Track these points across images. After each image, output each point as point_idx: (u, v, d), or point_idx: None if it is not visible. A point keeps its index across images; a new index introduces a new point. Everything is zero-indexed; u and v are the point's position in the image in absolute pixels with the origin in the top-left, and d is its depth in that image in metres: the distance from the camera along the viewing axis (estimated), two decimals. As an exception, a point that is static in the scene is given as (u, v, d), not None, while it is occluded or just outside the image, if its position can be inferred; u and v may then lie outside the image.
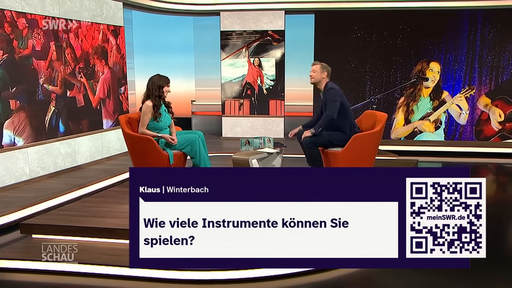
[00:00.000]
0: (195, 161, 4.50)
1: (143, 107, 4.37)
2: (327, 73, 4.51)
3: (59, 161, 5.50)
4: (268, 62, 7.84)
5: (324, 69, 4.51)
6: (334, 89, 4.43)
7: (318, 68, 4.51)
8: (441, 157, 7.15)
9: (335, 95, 4.37)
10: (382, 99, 7.67)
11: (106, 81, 6.33)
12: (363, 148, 4.38)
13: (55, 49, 5.36)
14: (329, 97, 4.38)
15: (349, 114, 4.47)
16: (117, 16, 6.46)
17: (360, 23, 7.50)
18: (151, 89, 4.36)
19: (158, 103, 4.36)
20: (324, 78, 4.51)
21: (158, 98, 4.36)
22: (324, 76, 4.51)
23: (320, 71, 4.50)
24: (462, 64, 7.39)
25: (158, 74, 4.43)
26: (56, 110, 5.44)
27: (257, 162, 4.75)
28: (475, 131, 7.51)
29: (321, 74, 4.50)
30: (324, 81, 4.52)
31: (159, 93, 4.36)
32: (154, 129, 4.42)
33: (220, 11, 7.75)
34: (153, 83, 4.36)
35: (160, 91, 4.37)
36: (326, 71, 4.51)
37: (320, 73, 4.50)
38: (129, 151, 4.52)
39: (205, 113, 9.22)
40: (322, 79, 4.52)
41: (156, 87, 4.34)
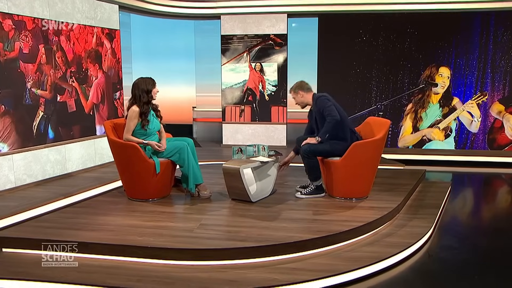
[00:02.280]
0: (183, 170, 4.22)
1: (129, 112, 4.12)
2: (300, 90, 4.27)
3: (47, 168, 5.28)
4: (270, 67, 7.57)
5: (297, 89, 4.29)
6: (322, 96, 4.19)
7: (292, 94, 4.34)
8: (452, 166, 6.79)
9: (326, 101, 4.11)
10: (389, 106, 7.33)
11: (100, 86, 6.12)
12: (364, 156, 4.06)
13: (44, 52, 5.16)
14: (321, 105, 4.11)
15: (346, 120, 4.16)
16: (112, 19, 6.26)
17: (365, 26, 7.21)
18: (138, 95, 4.10)
19: (146, 110, 4.11)
20: (305, 96, 4.28)
21: (146, 105, 4.10)
22: (302, 95, 4.28)
23: (295, 94, 4.30)
24: (473, 69, 7.03)
25: (141, 78, 4.17)
26: (45, 115, 5.23)
27: (252, 171, 4.47)
28: (487, 139, 7.12)
29: (298, 96, 4.29)
30: (309, 97, 4.28)
31: (148, 98, 4.11)
32: (141, 135, 4.17)
33: (221, 14, 7.53)
34: (139, 89, 4.09)
35: (149, 96, 4.11)
36: (300, 90, 4.27)
37: (299, 96, 4.29)
38: (114, 159, 4.27)
39: (207, 119, 8.99)
40: (303, 98, 4.29)
41: (143, 92, 4.08)
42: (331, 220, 3.61)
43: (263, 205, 4.05)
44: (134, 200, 4.25)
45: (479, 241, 3.81)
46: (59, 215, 3.85)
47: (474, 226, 4.33)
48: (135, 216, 3.77)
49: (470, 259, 3.41)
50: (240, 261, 3.04)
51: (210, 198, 4.27)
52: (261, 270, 2.94)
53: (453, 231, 4.04)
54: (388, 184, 4.80)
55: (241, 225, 3.51)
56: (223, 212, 3.92)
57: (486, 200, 5.46)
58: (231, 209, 3.98)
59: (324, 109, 4.05)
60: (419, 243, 3.51)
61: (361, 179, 4.15)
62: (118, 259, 3.12)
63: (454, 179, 6.23)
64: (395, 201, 4.10)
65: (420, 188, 5.05)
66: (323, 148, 4.12)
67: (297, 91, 4.28)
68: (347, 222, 3.54)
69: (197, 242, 3.16)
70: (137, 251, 3.09)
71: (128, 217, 3.77)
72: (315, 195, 4.24)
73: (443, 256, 3.43)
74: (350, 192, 4.17)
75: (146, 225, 3.54)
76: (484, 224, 4.45)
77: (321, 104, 4.09)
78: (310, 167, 4.15)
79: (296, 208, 3.97)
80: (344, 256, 3.17)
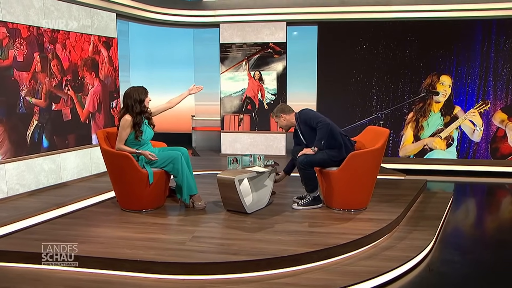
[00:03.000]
0: (177, 180, 4.13)
1: (121, 121, 4.03)
2: (282, 113, 4.21)
3: (41, 177, 5.19)
4: (269, 76, 7.50)
5: (279, 113, 4.23)
6: (303, 109, 4.15)
7: (276, 119, 4.27)
8: (453, 176, 6.66)
9: (308, 111, 4.09)
10: (389, 115, 7.23)
11: (96, 94, 6.06)
12: (362, 167, 3.95)
13: (39, 60, 5.10)
14: (305, 117, 4.06)
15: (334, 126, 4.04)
16: (109, 27, 6.22)
17: (365, 34, 7.14)
18: (130, 105, 4.01)
19: (140, 121, 4.03)
20: (288, 118, 4.21)
21: (139, 115, 4.02)
22: (285, 118, 4.21)
23: (277, 119, 4.25)
24: (475, 77, 6.93)
25: (133, 87, 4.09)
26: (39, 124, 5.15)
27: (248, 182, 4.37)
28: (490, 148, 7.00)
29: (281, 120, 4.23)
30: (291, 118, 4.21)
31: (141, 108, 4.03)
32: (134, 145, 4.08)
33: (220, 22, 7.48)
34: (132, 99, 4.01)
35: (141, 106, 4.03)
36: (280, 113, 4.21)
37: (282, 120, 4.23)
38: (107, 169, 4.18)
39: (206, 128, 8.92)
40: (287, 120, 4.22)
41: (135, 102, 4.00)
42: (328, 232, 3.50)
43: (259, 216, 3.94)
44: (127, 211, 4.15)
45: (482, 254, 3.68)
46: (50, 226, 3.75)
47: (476, 238, 4.20)
48: (126, 228, 3.67)
49: (472, 273, 3.29)
50: (232, 275, 2.93)
51: (205, 209, 4.17)
52: (254, 285, 2.83)
53: (454, 244, 3.92)
54: (388, 194, 4.69)
55: (234, 238, 3.41)
56: (217, 224, 3.82)
57: (489, 211, 5.33)
58: (225, 221, 3.87)
59: (310, 119, 3.99)
60: (419, 256, 3.39)
61: (360, 190, 4.04)
62: (106, 273, 3.02)
63: (456, 189, 6.10)
64: (395, 213, 3.99)
65: (421, 199, 4.93)
66: (320, 157, 4.01)
67: (279, 114, 4.21)
68: (344, 234, 3.42)
69: (188, 256, 3.05)
70: (126, 265, 2.99)
71: (119, 228, 3.67)
72: (312, 206, 4.13)
73: (444, 270, 3.30)
74: (348, 203, 4.06)
75: (137, 237, 3.44)
76: (487, 236, 4.32)
77: (305, 116, 4.04)
78: (307, 178, 4.04)
79: (293, 220, 3.86)
80: (341, 271, 3.06)
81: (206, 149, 8.69)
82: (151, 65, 9.28)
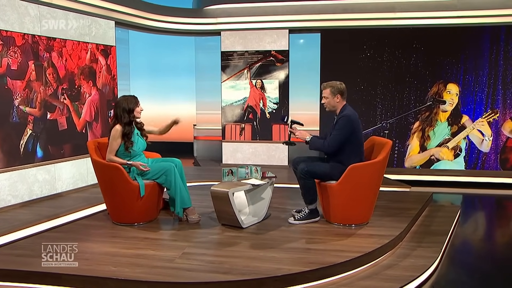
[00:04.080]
0: (170, 193, 3.97)
1: (112, 131, 3.89)
2: (340, 95, 3.84)
3: (35, 188, 5.07)
4: (271, 84, 7.35)
5: (336, 91, 3.83)
6: (346, 116, 3.78)
7: (328, 93, 3.86)
8: (461, 188, 6.42)
9: (345, 125, 3.74)
10: (394, 124, 7.03)
11: (94, 103, 5.95)
12: (363, 180, 3.76)
13: (34, 68, 5.01)
14: (338, 126, 3.78)
15: (361, 150, 3.84)
16: (108, 35, 6.13)
17: (369, 41, 6.98)
18: (119, 115, 3.88)
19: (129, 131, 3.88)
20: (338, 102, 3.86)
21: (128, 125, 3.88)
22: (338, 100, 3.84)
23: (332, 95, 3.85)
24: (483, 86, 6.72)
25: (123, 96, 3.97)
26: (33, 133, 5.04)
27: (245, 194, 4.20)
28: (500, 159, 6.76)
29: (333, 99, 3.85)
30: (340, 105, 3.87)
31: (130, 118, 3.89)
32: (126, 156, 3.93)
33: (221, 30, 7.37)
34: (120, 108, 3.88)
35: (130, 116, 3.89)
36: (339, 93, 3.83)
37: (333, 98, 3.85)
38: (98, 180, 4.04)
39: (207, 138, 8.78)
40: (336, 103, 3.86)
41: (124, 112, 3.86)
42: (326, 249, 3.30)
43: (254, 231, 3.76)
44: (118, 224, 4.00)
45: (492, 273, 3.45)
46: (36, 240, 3.59)
47: (485, 256, 3.95)
48: (114, 243, 3.51)
49: (481, 295, 3.07)
50: (221, 296, 2.75)
51: (199, 223, 4.00)
52: (244, 308, 2.65)
53: (462, 262, 3.69)
54: (391, 208, 4.48)
55: (226, 255, 3.23)
56: (210, 239, 3.64)
57: (499, 225, 5.08)
58: (219, 236, 3.69)
59: (333, 132, 3.79)
60: (423, 276, 3.17)
61: (360, 204, 3.84)
62: (89, 291, 2.86)
63: (464, 202, 5.87)
64: (398, 228, 3.78)
65: (426, 213, 4.71)
66: (323, 170, 3.82)
67: (336, 94, 3.84)
68: (343, 252, 3.22)
69: (175, 274, 2.87)
70: (109, 283, 2.82)
71: (107, 243, 3.51)
72: (309, 220, 3.93)
73: (450, 291, 3.09)
74: (349, 218, 3.86)
75: (125, 253, 3.27)
76: (498, 253, 4.06)
77: (338, 125, 3.78)
78: (306, 188, 3.85)
79: (289, 235, 3.67)
80: (338, 292, 2.86)
81: (207, 159, 8.54)
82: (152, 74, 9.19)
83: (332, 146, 3.76)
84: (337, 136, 3.75)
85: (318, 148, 3.85)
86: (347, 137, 3.75)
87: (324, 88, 3.91)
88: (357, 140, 3.81)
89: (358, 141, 3.82)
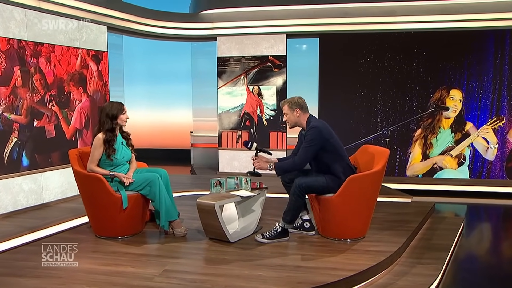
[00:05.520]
0: (154, 205, 3.76)
1: (94, 140, 3.71)
2: (299, 109, 3.65)
3: (20, 198, 4.88)
4: (268, 90, 7.16)
5: (294, 105, 3.65)
6: (313, 128, 3.55)
7: (286, 109, 3.68)
8: (466, 198, 6.17)
9: (315, 137, 3.52)
10: (396, 131, 6.80)
11: (84, 110, 5.77)
12: (361, 191, 3.53)
13: (20, 74, 4.84)
14: (306, 139, 3.56)
15: (343, 154, 3.62)
16: (99, 41, 5.97)
17: (370, 46, 6.78)
18: (102, 121, 3.71)
19: (110, 138, 3.68)
20: (299, 116, 3.66)
21: (110, 132, 3.69)
22: (297, 114, 3.65)
23: (290, 111, 3.66)
24: (488, 91, 6.48)
25: (110, 102, 3.80)
26: (19, 141, 4.87)
27: (235, 206, 3.99)
28: (506, 168, 6.49)
29: (293, 114, 3.65)
30: (302, 119, 3.67)
31: (112, 125, 3.70)
32: (108, 165, 3.74)
33: (217, 35, 7.20)
34: (103, 114, 3.70)
35: (113, 123, 3.71)
36: (297, 107, 3.64)
37: (292, 113, 3.65)
38: (80, 191, 3.85)
39: (205, 145, 8.58)
40: (297, 118, 3.67)
41: (106, 118, 3.69)
42: (317, 267, 3.07)
43: (242, 246, 3.54)
44: (101, 237, 3.80)
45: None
46: (9, 256, 3.41)
47: (491, 273, 3.69)
48: (93, 258, 3.30)
49: (485, 319, 2.82)
50: (200, 320, 2.53)
51: (186, 237, 3.78)
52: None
53: (465, 280, 3.45)
54: (390, 221, 4.25)
55: (210, 273, 3.01)
56: (194, 254, 3.43)
57: (506, 238, 4.82)
58: (204, 251, 3.48)
59: (302, 146, 3.57)
60: (422, 297, 2.94)
61: (357, 217, 3.61)
62: (60, 314, 2.65)
63: (468, 213, 5.61)
64: (396, 243, 3.54)
65: (428, 225, 4.46)
66: (320, 184, 3.58)
67: (294, 108, 3.64)
68: (335, 270, 3.00)
69: (152, 295, 2.66)
70: (81, 306, 2.61)
71: (85, 259, 3.30)
72: (278, 240, 3.63)
73: (452, 314, 2.85)
74: (344, 232, 3.63)
75: (102, 270, 3.06)
76: (504, 270, 3.79)
77: (306, 137, 3.56)
78: (295, 206, 3.58)
79: (280, 250, 3.44)
80: (328, 315, 2.63)
81: (205, 167, 8.34)
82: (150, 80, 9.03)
83: (303, 160, 3.55)
84: (308, 149, 3.53)
85: (287, 169, 3.61)
86: (320, 148, 3.54)
87: (282, 105, 3.77)
88: (333, 147, 3.58)
89: (334, 147, 3.59)
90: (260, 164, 3.60)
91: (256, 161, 3.63)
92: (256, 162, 3.62)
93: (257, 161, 3.62)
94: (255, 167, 3.62)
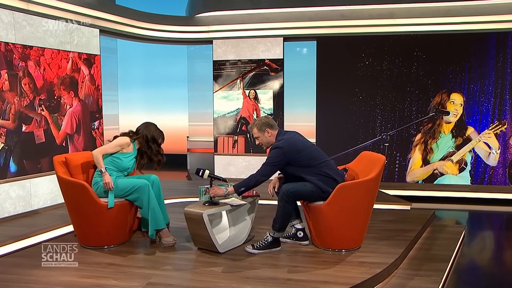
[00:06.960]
0: (142, 212, 3.63)
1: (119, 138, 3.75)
2: (269, 129, 3.58)
3: (7, 205, 4.75)
4: (265, 95, 7.02)
5: (263, 126, 3.59)
6: (276, 149, 3.49)
7: (256, 133, 3.63)
8: (467, 204, 6.01)
9: (275, 158, 3.46)
10: (395, 136, 6.64)
11: (75, 115, 5.65)
12: (352, 200, 3.38)
13: (7, 78, 4.72)
14: (269, 156, 3.51)
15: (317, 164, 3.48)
16: (91, 44, 5.85)
17: (368, 49, 6.63)
18: (141, 134, 3.78)
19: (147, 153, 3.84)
20: (271, 136, 3.60)
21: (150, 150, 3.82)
22: (269, 134, 3.59)
23: (261, 133, 3.61)
24: (489, 95, 6.32)
25: (156, 126, 3.86)
26: (6, 146, 4.74)
27: (226, 214, 3.84)
28: (508, 173, 6.33)
29: (264, 135, 3.60)
30: (273, 137, 3.61)
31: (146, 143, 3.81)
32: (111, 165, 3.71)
33: (213, 39, 7.08)
34: (149, 131, 3.80)
35: (154, 146, 3.80)
36: (267, 128, 3.58)
37: (263, 135, 3.60)
38: (64, 199, 3.70)
39: (201, 150, 8.44)
40: (269, 138, 3.61)
41: (151, 138, 3.79)
42: (308, 280, 2.92)
43: (232, 257, 3.38)
44: (86, 247, 3.65)
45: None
46: (-10, 267, 3.27)
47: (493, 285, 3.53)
48: (74, 270, 3.16)
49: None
50: None
51: (174, 247, 3.63)
52: None
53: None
54: (387, 230, 4.09)
55: (195, 286, 2.87)
56: (181, 266, 3.27)
57: (509, 247, 4.65)
58: (192, 263, 3.33)
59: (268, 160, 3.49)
60: (419, 312, 2.78)
61: (351, 227, 3.46)
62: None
63: (469, 220, 5.45)
64: (393, 254, 3.38)
65: (427, 234, 4.30)
66: (308, 189, 3.44)
67: (264, 129, 3.58)
68: (327, 284, 2.84)
69: (132, 311, 2.51)
70: (56, 322, 2.47)
71: (67, 270, 3.16)
72: (269, 250, 3.49)
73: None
74: (338, 242, 3.48)
75: (82, 283, 2.92)
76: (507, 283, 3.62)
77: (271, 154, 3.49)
78: (284, 213, 3.46)
79: (270, 262, 3.29)
80: (318, 333, 2.47)
81: (201, 172, 8.18)
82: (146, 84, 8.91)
83: (262, 175, 3.47)
84: (267, 166, 3.48)
85: (249, 184, 3.48)
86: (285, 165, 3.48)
87: (250, 129, 3.70)
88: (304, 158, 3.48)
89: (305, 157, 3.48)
90: (215, 191, 3.50)
91: (211, 189, 3.52)
92: (211, 190, 3.51)
93: (212, 189, 3.52)
94: (210, 196, 3.51)
